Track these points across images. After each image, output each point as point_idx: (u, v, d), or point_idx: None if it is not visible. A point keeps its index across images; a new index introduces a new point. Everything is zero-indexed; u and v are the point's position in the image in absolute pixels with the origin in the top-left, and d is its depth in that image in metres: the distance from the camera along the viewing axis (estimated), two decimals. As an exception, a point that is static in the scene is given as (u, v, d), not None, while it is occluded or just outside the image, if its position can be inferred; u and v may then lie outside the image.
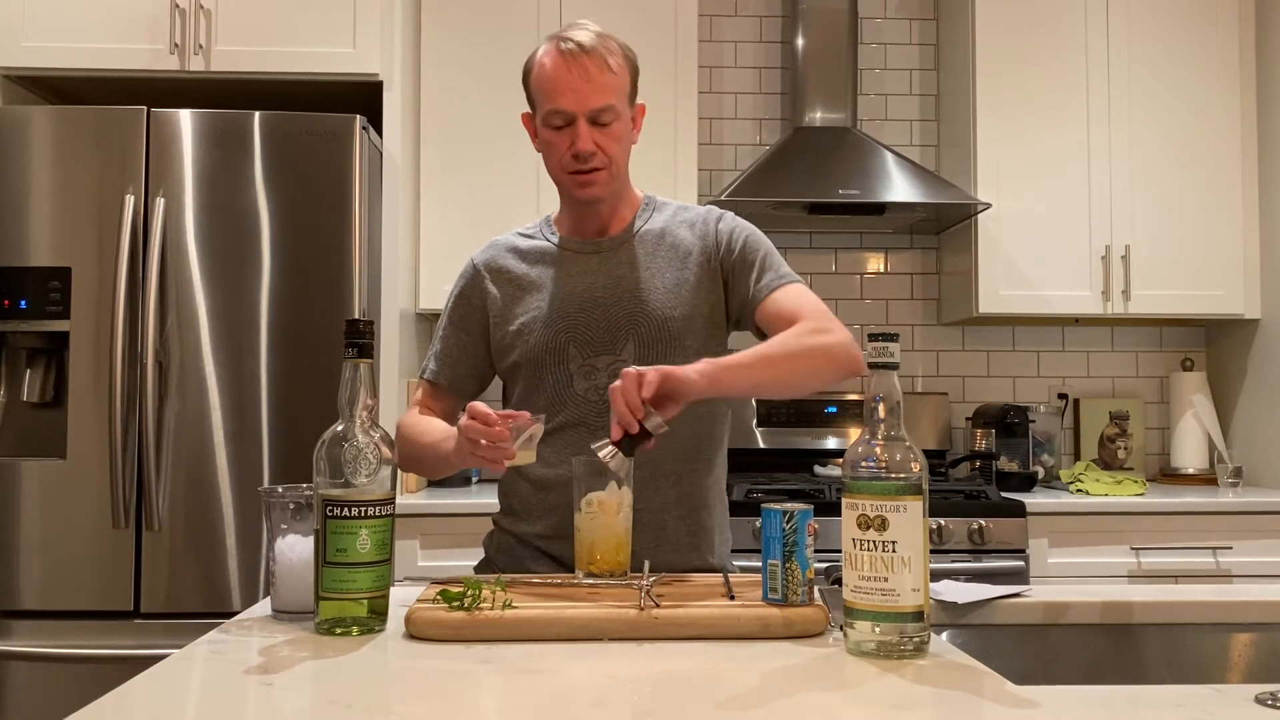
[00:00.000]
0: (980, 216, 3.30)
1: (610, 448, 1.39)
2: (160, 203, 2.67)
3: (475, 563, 1.83)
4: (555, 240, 1.78)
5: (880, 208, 3.25)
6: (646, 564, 1.34)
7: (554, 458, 1.66)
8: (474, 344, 1.77)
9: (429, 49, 3.23)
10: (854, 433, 3.44)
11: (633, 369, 1.41)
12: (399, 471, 1.68)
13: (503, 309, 1.74)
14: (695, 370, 1.44)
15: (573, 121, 1.64)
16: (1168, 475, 3.52)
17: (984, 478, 3.22)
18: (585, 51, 1.63)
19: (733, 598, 1.31)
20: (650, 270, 1.71)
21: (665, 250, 1.73)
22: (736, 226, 1.75)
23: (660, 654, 1.16)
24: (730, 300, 1.73)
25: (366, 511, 1.24)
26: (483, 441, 1.43)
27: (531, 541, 1.70)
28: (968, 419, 3.53)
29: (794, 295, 1.65)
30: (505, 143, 3.19)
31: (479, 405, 1.48)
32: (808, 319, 1.60)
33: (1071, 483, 3.18)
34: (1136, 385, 3.68)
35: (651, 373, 1.39)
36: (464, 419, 1.48)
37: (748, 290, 1.69)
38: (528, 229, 1.83)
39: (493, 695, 1.01)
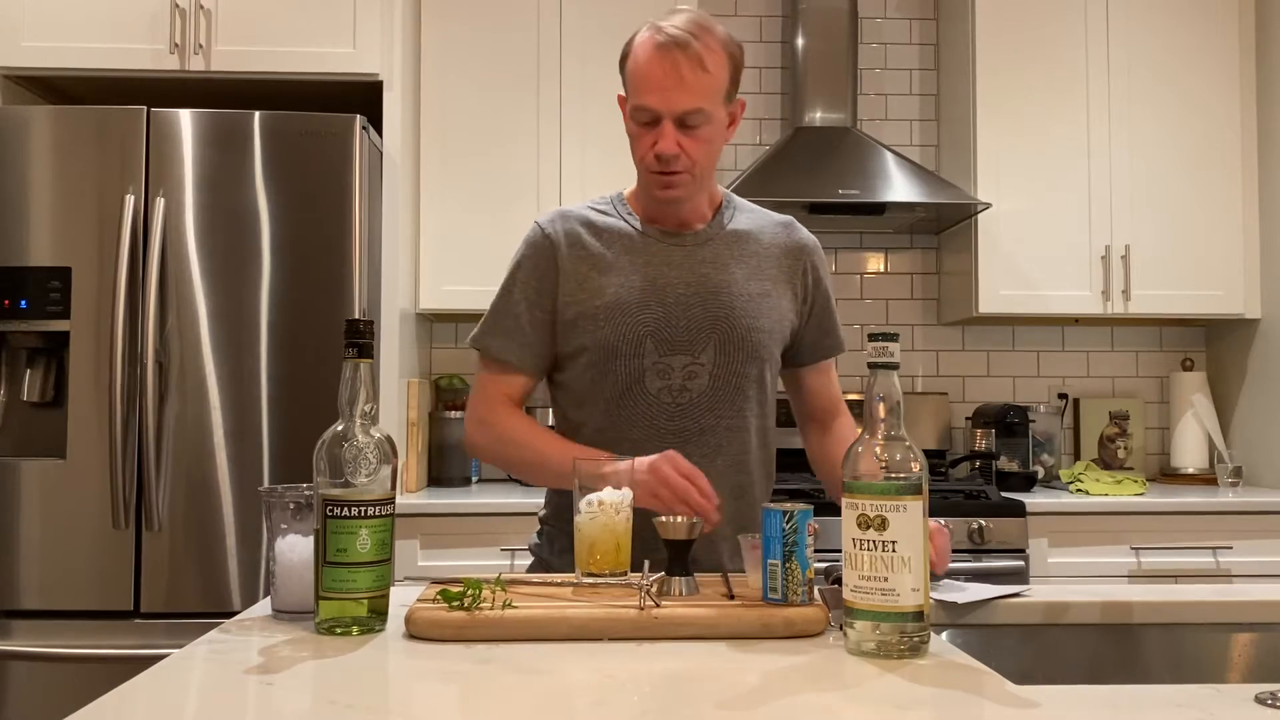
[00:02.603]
0: (980, 216, 3.30)
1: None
2: (160, 203, 2.67)
3: (482, 563, 1.81)
4: (636, 224, 1.69)
5: (880, 208, 3.25)
6: (646, 564, 1.34)
7: (620, 457, 1.62)
8: (549, 321, 1.65)
9: (429, 48, 3.23)
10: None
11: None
12: (400, 471, 1.67)
13: (576, 288, 1.63)
14: None
15: (658, 121, 1.57)
16: (1168, 475, 3.52)
17: (984, 478, 3.22)
18: (680, 47, 1.54)
19: (733, 597, 1.31)
20: (735, 274, 1.66)
21: (749, 256, 1.68)
22: (822, 264, 1.76)
23: (660, 654, 1.16)
24: (804, 330, 1.74)
25: (366, 511, 1.24)
26: (679, 502, 1.45)
27: None
28: (968, 419, 3.53)
29: (835, 373, 1.82)
30: (506, 142, 3.20)
31: (685, 463, 1.48)
32: (844, 413, 1.80)
33: (1071, 482, 3.18)
34: (1136, 385, 3.68)
35: None
36: (667, 467, 1.46)
37: (823, 340, 1.76)
38: (599, 204, 1.72)
39: (493, 695, 1.01)
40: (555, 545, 1.73)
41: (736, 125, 1.67)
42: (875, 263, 3.70)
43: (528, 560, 1.84)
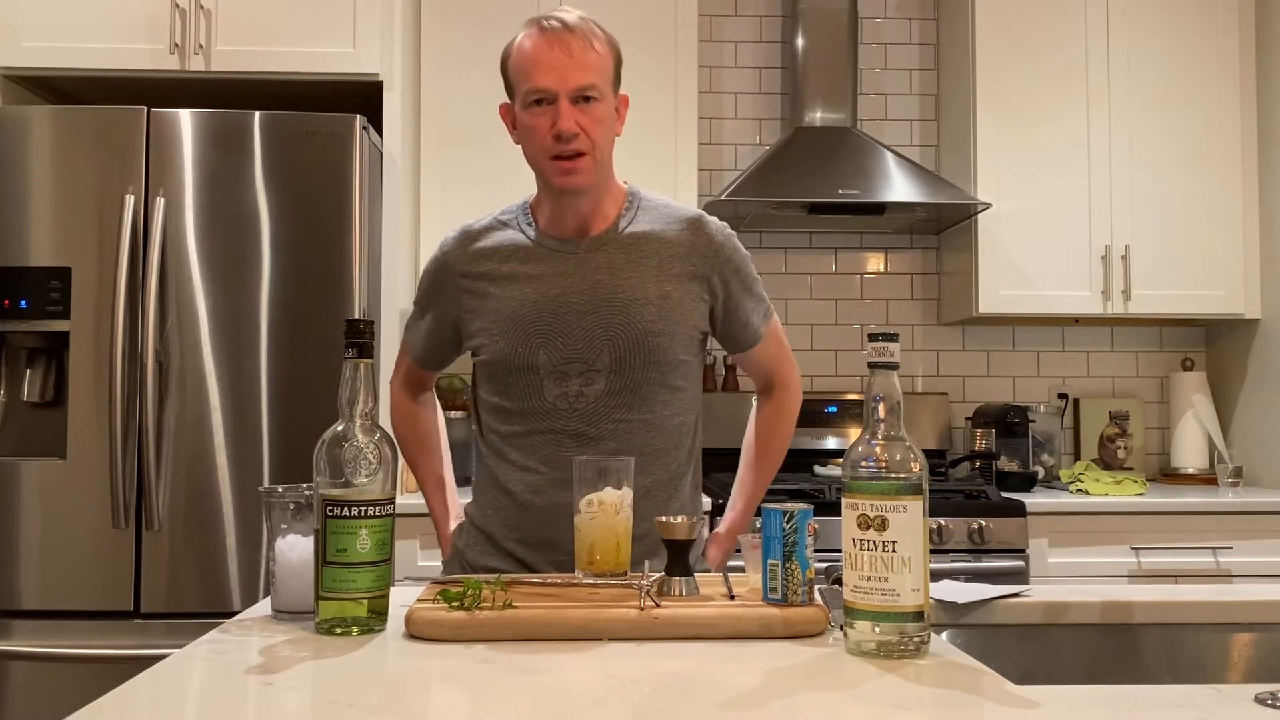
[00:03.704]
0: (980, 216, 3.30)
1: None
2: (160, 203, 2.67)
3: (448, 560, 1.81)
4: (532, 234, 1.70)
5: (880, 208, 3.25)
6: (646, 564, 1.34)
7: (523, 461, 1.65)
8: (445, 332, 1.76)
9: (429, 48, 3.23)
10: (854, 433, 3.44)
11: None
12: (400, 471, 1.68)
13: (474, 306, 1.69)
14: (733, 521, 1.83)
15: (554, 101, 1.58)
16: (1168, 475, 3.52)
17: (984, 478, 3.22)
18: (569, 29, 1.59)
19: (733, 598, 1.32)
20: (631, 279, 1.65)
21: (649, 257, 1.66)
22: (733, 258, 1.71)
23: (660, 654, 1.16)
24: (719, 325, 1.73)
25: (366, 511, 1.24)
26: None
27: (500, 541, 1.69)
28: (968, 419, 3.53)
29: (771, 347, 1.80)
30: (505, 142, 3.16)
31: None
32: (781, 387, 1.84)
33: (1071, 483, 3.18)
34: (1136, 385, 3.68)
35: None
36: None
37: (741, 331, 1.75)
38: (504, 215, 1.76)
39: (493, 695, 1.01)
40: (466, 536, 1.76)
41: (624, 121, 1.70)
42: (875, 263, 3.70)
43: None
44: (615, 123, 1.67)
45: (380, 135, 2.95)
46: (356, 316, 2.68)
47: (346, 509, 1.23)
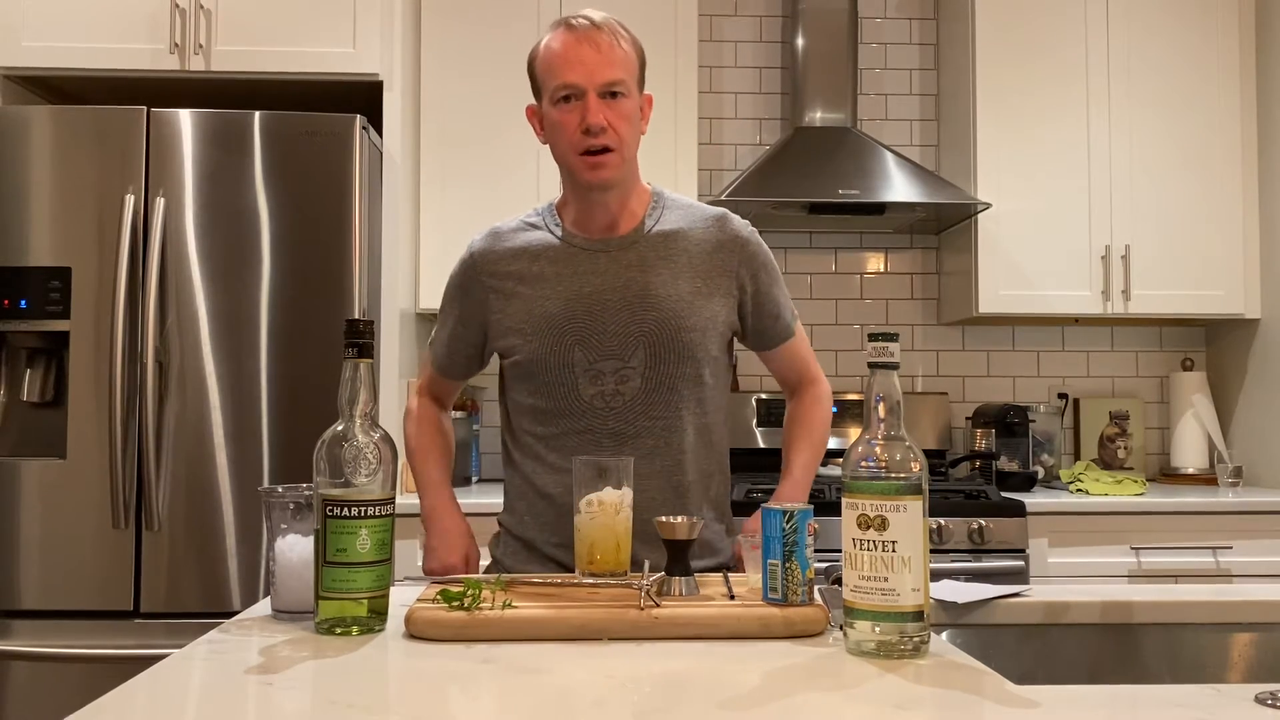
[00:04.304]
0: (980, 216, 3.30)
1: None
2: (160, 203, 2.67)
3: (482, 563, 1.82)
4: (560, 234, 1.71)
5: (880, 208, 3.25)
6: (646, 564, 1.34)
7: (561, 463, 1.65)
8: (472, 335, 1.76)
9: (429, 49, 3.23)
10: (854, 433, 3.44)
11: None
12: (400, 471, 1.69)
13: (503, 307, 1.70)
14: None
15: (583, 96, 1.60)
16: (1168, 475, 3.52)
17: (984, 478, 3.22)
18: (596, 27, 1.62)
19: (733, 597, 1.32)
20: (663, 275, 1.66)
21: (679, 254, 1.68)
22: (759, 252, 1.73)
23: (660, 654, 1.16)
24: (749, 321, 1.74)
25: (366, 511, 1.24)
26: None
27: (539, 547, 1.69)
28: (968, 419, 3.53)
29: (801, 343, 1.82)
30: (506, 142, 3.19)
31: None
32: (811, 382, 1.82)
33: (1071, 482, 3.18)
34: (1136, 385, 3.68)
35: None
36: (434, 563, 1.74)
37: (773, 326, 1.76)
38: (531, 216, 1.77)
39: (493, 695, 1.01)
40: (503, 545, 1.77)
41: (647, 120, 1.71)
42: (875, 263, 3.70)
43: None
44: (640, 121, 1.68)
45: (380, 135, 2.95)
46: (356, 316, 2.69)
47: (346, 509, 1.23)
